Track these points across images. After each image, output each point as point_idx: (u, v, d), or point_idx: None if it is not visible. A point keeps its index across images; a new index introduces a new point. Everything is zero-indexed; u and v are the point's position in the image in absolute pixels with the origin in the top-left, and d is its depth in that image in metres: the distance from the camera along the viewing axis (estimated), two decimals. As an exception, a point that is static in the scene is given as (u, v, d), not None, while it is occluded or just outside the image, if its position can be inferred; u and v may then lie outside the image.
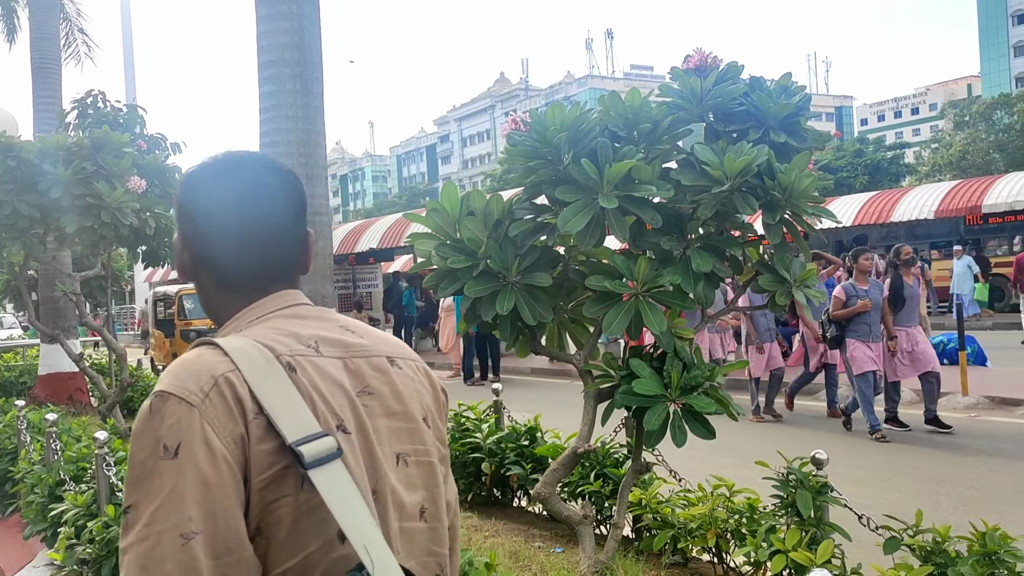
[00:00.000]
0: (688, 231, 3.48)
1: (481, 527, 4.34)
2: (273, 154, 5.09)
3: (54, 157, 6.90)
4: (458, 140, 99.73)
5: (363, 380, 1.12)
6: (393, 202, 77.81)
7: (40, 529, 4.82)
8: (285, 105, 5.06)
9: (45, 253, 8.05)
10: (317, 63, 5.20)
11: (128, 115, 8.28)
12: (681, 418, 3.24)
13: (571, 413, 7.90)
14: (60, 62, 11.02)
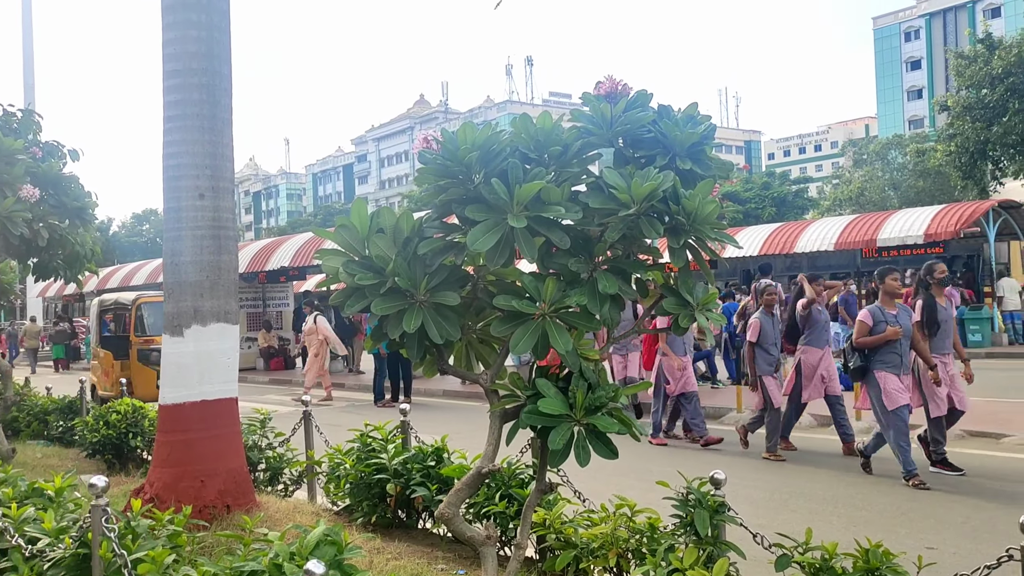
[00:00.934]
0: (596, 253, 3.52)
1: (384, 549, 4.26)
2: (178, 165, 4.95)
3: (-62, 161, 6.53)
4: (376, 160, 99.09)
5: None
6: (308, 220, 76.54)
7: (-93, 557, 4.48)
8: (191, 115, 4.92)
9: (-75, 262, 7.59)
10: (226, 74, 5.08)
11: (23, 120, 7.90)
12: (585, 438, 3.26)
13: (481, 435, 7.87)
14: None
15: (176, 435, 4.81)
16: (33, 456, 7.67)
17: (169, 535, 3.37)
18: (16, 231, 6.60)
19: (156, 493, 4.65)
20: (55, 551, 3.30)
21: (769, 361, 8.32)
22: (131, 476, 6.84)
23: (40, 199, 6.91)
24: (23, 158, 6.89)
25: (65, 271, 7.99)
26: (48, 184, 7.20)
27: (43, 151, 7.59)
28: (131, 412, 7.44)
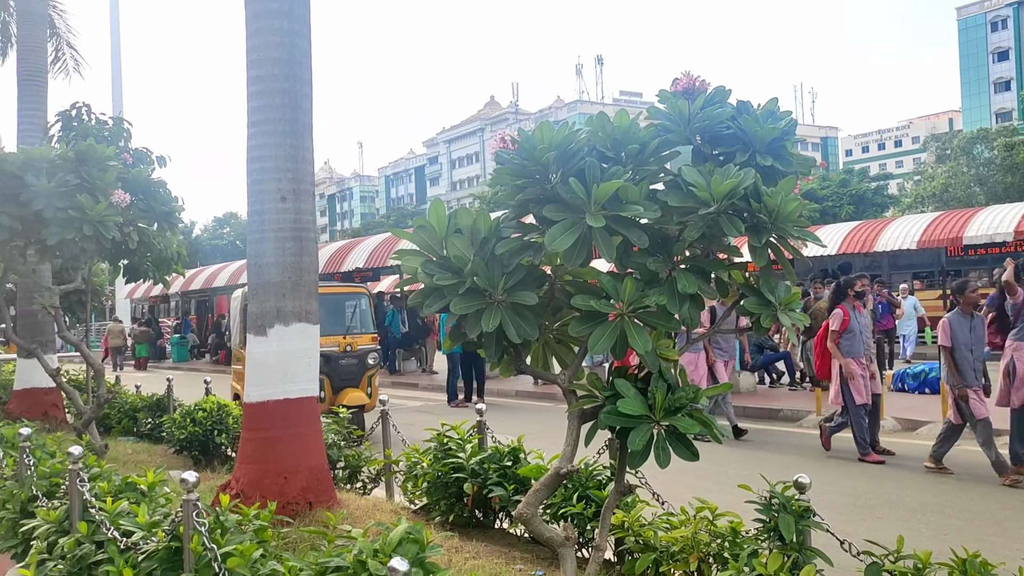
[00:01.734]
0: (674, 252, 3.48)
1: (462, 548, 4.28)
2: (260, 168, 5.08)
3: (37, 169, 6.84)
4: (447, 162, 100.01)
5: None
6: (381, 222, 77.75)
7: (10, 545, 4.72)
8: (273, 120, 5.05)
9: (25, 266, 7.96)
10: (306, 80, 5.19)
11: (114, 128, 8.23)
12: (665, 439, 3.22)
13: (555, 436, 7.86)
14: (46, 74, 10.98)
15: (260, 433, 4.93)
16: (124, 452, 7.97)
17: (255, 530, 3.46)
18: (108, 234, 6.86)
19: (242, 489, 4.77)
20: (148, 544, 3.42)
21: (975, 369, 7.20)
22: (216, 472, 7.05)
23: (130, 204, 7.17)
24: (115, 164, 7.16)
25: (154, 272, 8.29)
26: (138, 189, 7.47)
27: (133, 157, 7.89)
28: (216, 410, 7.68)
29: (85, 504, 4.05)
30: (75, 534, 3.96)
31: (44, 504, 4.55)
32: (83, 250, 7.17)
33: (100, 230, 6.79)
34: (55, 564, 3.99)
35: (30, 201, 6.72)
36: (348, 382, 10.37)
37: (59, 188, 6.72)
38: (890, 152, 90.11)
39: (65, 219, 6.76)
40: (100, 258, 7.97)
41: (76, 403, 7.90)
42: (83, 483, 4.12)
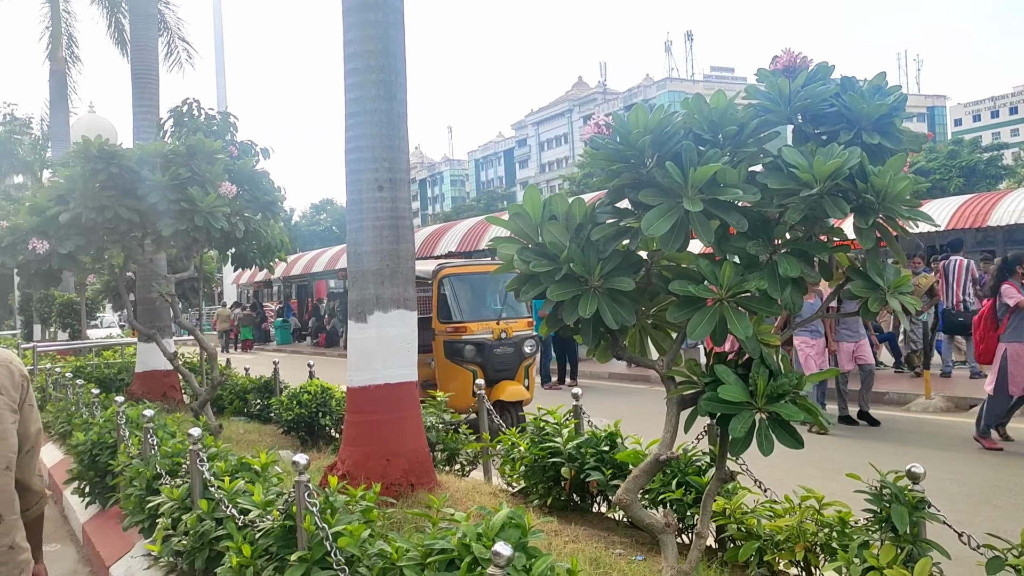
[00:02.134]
0: (775, 236, 3.40)
1: (561, 532, 4.32)
2: (358, 159, 5.20)
3: (152, 164, 7.19)
4: (535, 144, 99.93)
5: None
6: (471, 206, 78.44)
7: (138, 520, 5.02)
8: (370, 111, 5.16)
9: (143, 255, 8.40)
10: (400, 70, 5.28)
11: (220, 123, 8.59)
12: (768, 427, 3.16)
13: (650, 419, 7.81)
14: (158, 72, 11.48)
15: (363, 416, 5.09)
16: (236, 431, 8.35)
17: (362, 510, 3.58)
18: (217, 224, 7.17)
19: (347, 470, 4.94)
20: (264, 522, 3.59)
21: None
22: (322, 452, 7.32)
23: (237, 194, 7.46)
24: (222, 157, 7.46)
25: (259, 260, 8.61)
26: (243, 180, 7.76)
27: (239, 150, 8.20)
28: (320, 393, 7.96)
29: (205, 483, 4.27)
30: (196, 511, 4.19)
31: (167, 482, 4.82)
32: (195, 240, 7.52)
33: (210, 220, 7.10)
34: (179, 539, 4.24)
35: (147, 194, 7.07)
36: (504, 373, 9.08)
37: (172, 181, 7.05)
38: (1004, 120, 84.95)
39: (178, 211, 7.09)
40: (210, 247, 8.32)
41: (192, 385, 8.31)
42: (202, 463, 4.35)
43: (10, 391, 2.31)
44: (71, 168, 7.30)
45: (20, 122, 25.30)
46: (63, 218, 7.19)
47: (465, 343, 9.13)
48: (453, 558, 2.81)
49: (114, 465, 5.92)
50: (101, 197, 7.14)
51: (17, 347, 16.52)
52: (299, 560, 3.24)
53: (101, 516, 6.22)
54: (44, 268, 7.46)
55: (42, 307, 19.38)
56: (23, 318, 22.22)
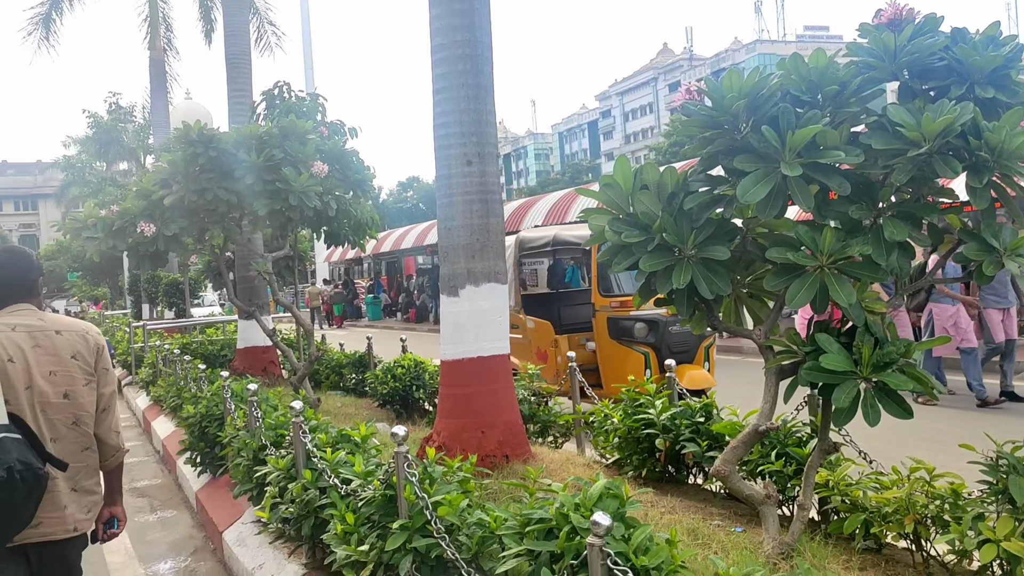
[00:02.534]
0: (879, 198, 3.26)
1: (657, 503, 4.30)
2: (446, 134, 5.23)
3: (247, 146, 7.42)
4: (620, 115, 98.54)
5: (37, 339, 2.74)
6: (556, 179, 78.06)
7: (247, 489, 5.24)
8: (457, 86, 5.17)
9: (241, 235, 8.69)
10: (487, 44, 5.27)
11: (309, 104, 8.77)
12: (874, 396, 3.06)
13: (745, 390, 7.67)
14: (250, 56, 11.79)
15: (457, 389, 5.16)
16: (334, 405, 8.61)
17: (460, 480, 3.64)
18: (310, 203, 7.35)
19: (443, 442, 5.03)
20: (365, 491, 3.70)
21: None
22: (417, 424, 7.48)
23: (328, 174, 7.63)
24: (313, 137, 7.63)
25: (351, 237, 8.80)
26: (333, 160, 7.93)
27: (328, 130, 8.37)
28: (413, 367, 8.12)
29: (308, 454, 4.42)
30: (301, 480, 4.34)
31: (272, 453, 5.01)
32: (289, 219, 7.72)
33: (303, 200, 7.28)
34: (286, 507, 4.41)
35: (243, 176, 7.30)
36: (681, 355, 7.61)
37: (267, 163, 7.25)
38: None
39: (273, 191, 7.30)
40: (303, 226, 8.55)
41: (291, 360, 8.59)
42: (305, 434, 4.50)
43: (85, 357, 2.85)
44: (173, 153, 7.60)
45: (124, 111, 26.47)
46: (167, 201, 7.50)
47: (635, 320, 7.83)
48: (551, 527, 2.82)
49: (222, 436, 6.19)
50: (201, 180, 7.41)
51: (128, 325, 17.41)
52: (400, 528, 3.32)
53: (212, 484, 6.53)
54: (151, 250, 7.81)
55: (150, 287, 20.34)
56: (132, 298, 23.38)
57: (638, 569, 2.49)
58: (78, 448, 2.81)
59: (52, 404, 2.74)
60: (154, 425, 9.82)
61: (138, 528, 6.26)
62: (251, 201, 7.51)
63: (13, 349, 2.69)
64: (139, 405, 11.80)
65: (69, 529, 2.76)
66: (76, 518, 2.79)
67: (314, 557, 4.27)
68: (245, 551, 4.85)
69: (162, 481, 7.89)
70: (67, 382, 2.78)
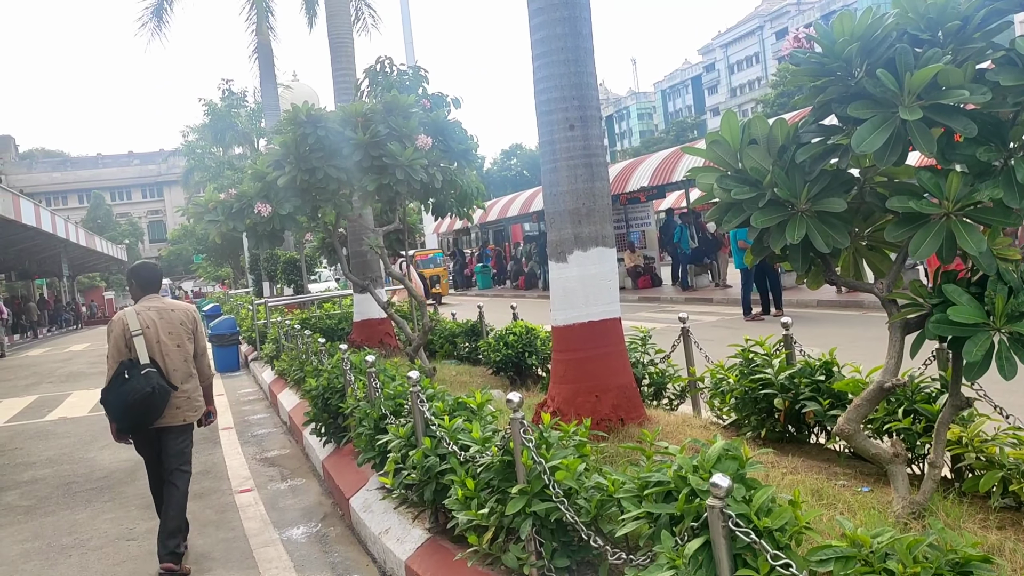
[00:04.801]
0: (1010, 139, 3.06)
1: (778, 464, 4.22)
2: (547, 100, 5.22)
3: (353, 124, 7.60)
4: (724, 68, 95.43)
5: (162, 315, 5.02)
6: (660, 139, 76.58)
7: (370, 457, 5.45)
8: (556, 50, 5.14)
9: (352, 211, 8.95)
10: (585, 4, 5.20)
11: (412, 77, 8.91)
12: (1009, 348, 2.90)
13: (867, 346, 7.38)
14: (352, 36, 12.01)
15: (569, 354, 5.19)
16: (449, 374, 8.82)
17: (576, 445, 3.68)
18: (417, 177, 7.48)
19: (558, 407, 5.08)
20: (484, 457, 3.78)
21: None
22: (531, 391, 7.57)
23: (432, 146, 7.74)
24: (416, 111, 7.74)
25: (457, 208, 8.92)
26: (437, 132, 8.03)
27: (431, 102, 8.48)
28: (525, 334, 8.21)
29: (426, 422, 4.55)
30: (421, 447, 4.48)
31: (392, 421, 5.19)
32: (397, 193, 7.89)
33: (409, 173, 7.42)
34: (408, 473, 4.57)
35: (351, 153, 7.50)
36: None
37: (372, 139, 7.41)
38: None
39: (379, 166, 7.46)
40: (411, 199, 8.72)
41: (405, 331, 8.83)
42: (423, 403, 4.63)
43: (187, 324, 5.14)
44: (283, 135, 7.87)
45: (236, 96, 27.52)
46: (280, 182, 7.79)
47: None
48: (670, 490, 2.82)
49: (344, 407, 6.44)
50: (311, 159, 7.66)
51: (251, 302, 18.27)
52: (519, 493, 3.39)
53: (337, 454, 6.82)
54: (268, 229, 8.15)
55: (268, 266, 21.25)
56: (253, 276, 24.50)
57: (760, 531, 2.46)
58: (186, 375, 5.08)
59: (171, 351, 5.00)
60: (280, 398, 10.30)
61: (271, 496, 6.62)
62: (359, 177, 7.71)
63: (149, 320, 4.99)
64: (265, 379, 12.39)
65: (179, 420, 5.05)
66: (186, 415, 5.08)
67: (437, 521, 4.41)
68: (371, 516, 5.07)
69: (290, 451, 8.30)
70: (178, 339, 5.06)
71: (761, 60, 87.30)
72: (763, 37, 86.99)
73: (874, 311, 12.52)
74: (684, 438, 4.28)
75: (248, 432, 9.46)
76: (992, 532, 3.13)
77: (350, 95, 10.40)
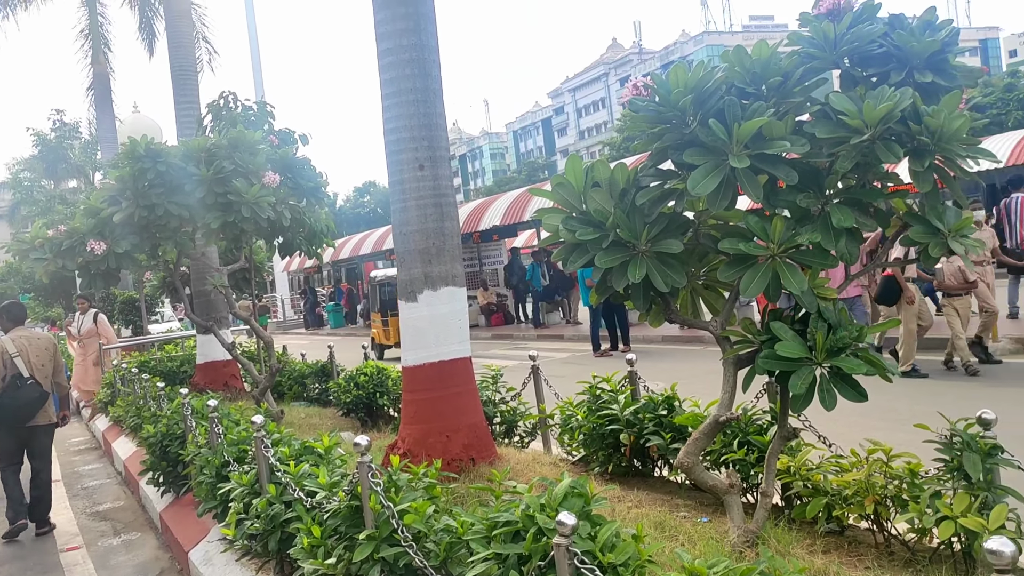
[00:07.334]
0: (826, 186, 3.31)
1: (624, 498, 4.32)
2: (397, 139, 5.20)
3: (197, 159, 7.30)
4: (573, 111, 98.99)
5: (31, 341, 7.10)
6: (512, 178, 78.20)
7: (211, 507, 5.16)
8: (406, 90, 5.14)
9: (195, 250, 8.55)
10: (434, 46, 5.25)
11: (258, 113, 8.65)
12: (829, 381, 3.11)
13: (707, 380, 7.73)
14: (196, 68, 11.62)
15: (420, 394, 5.13)
16: (298, 416, 8.52)
17: (426, 487, 3.62)
18: (263, 214, 7.25)
19: (408, 448, 5.00)
20: (331, 503, 3.66)
21: None
22: (382, 431, 7.42)
23: (280, 183, 7.53)
24: (263, 147, 7.53)
25: (306, 247, 8.69)
26: (285, 168, 7.83)
27: (278, 139, 8.27)
28: (376, 374, 8.06)
29: (271, 468, 4.36)
30: (265, 495, 4.28)
31: (235, 469, 4.94)
32: (242, 231, 7.61)
33: (256, 211, 7.18)
34: (251, 523, 4.34)
35: (193, 190, 7.19)
36: None
37: (217, 175, 7.14)
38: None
39: (224, 203, 7.19)
40: (258, 237, 8.43)
41: (252, 373, 8.47)
42: (267, 449, 4.44)
43: (50, 349, 7.16)
44: (121, 169, 7.44)
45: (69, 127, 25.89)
46: (117, 218, 7.35)
47: None
48: (518, 530, 2.82)
49: (184, 455, 6.08)
50: (151, 195, 7.27)
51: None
52: (367, 538, 3.30)
53: (176, 504, 6.41)
54: (103, 268, 7.65)
55: (104, 306, 19.90)
56: (86, 318, 22.83)
57: (605, 566, 2.49)
58: (51, 387, 7.06)
59: (39, 368, 6.92)
60: (115, 446, 9.62)
61: (102, 553, 6.13)
62: (203, 215, 7.40)
63: (22, 345, 6.91)
64: (99, 427, 11.56)
65: (45, 420, 7.00)
66: (50, 416, 7.06)
67: (282, 572, 4.21)
68: (212, 569, 4.78)
69: (125, 503, 7.74)
70: (44, 360, 7.02)
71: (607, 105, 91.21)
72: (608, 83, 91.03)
73: (714, 346, 13.08)
74: (534, 476, 4.30)
75: (78, 484, 8.76)
76: (818, 556, 3.32)
77: (193, 130, 9.99)
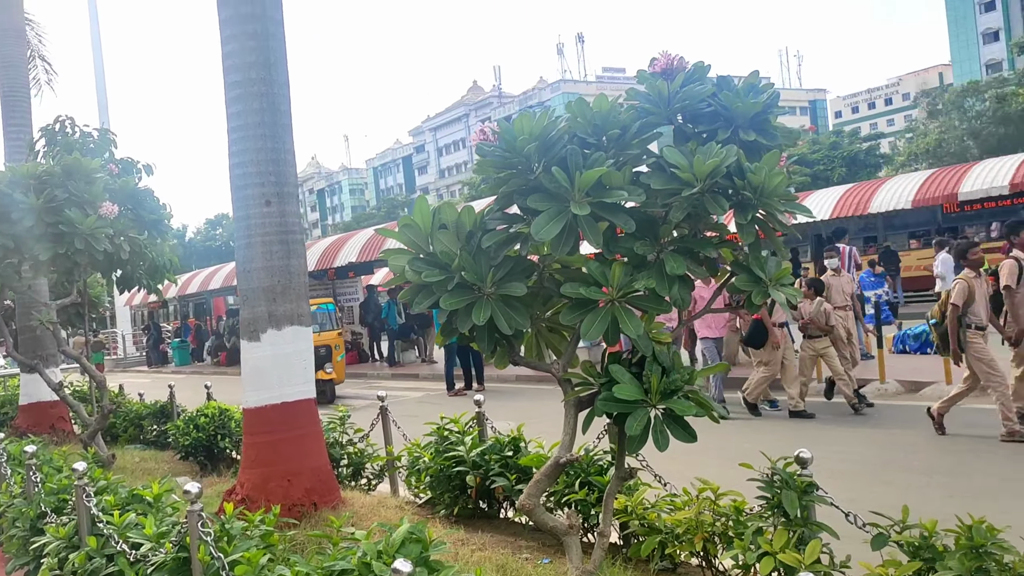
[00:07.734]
0: (661, 235, 3.47)
1: (468, 540, 4.30)
2: (243, 174, 5.06)
3: (25, 186, 6.83)
4: (434, 150, 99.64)
5: None
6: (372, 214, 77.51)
7: (23, 563, 4.74)
8: (254, 124, 5.02)
9: (20, 282, 7.94)
10: (283, 81, 5.16)
11: (99, 140, 8.20)
12: (663, 422, 3.22)
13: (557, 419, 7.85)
14: (29, 89, 10.90)
15: (262, 437, 4.94)
16: (132, 460, 7.99)
17: (262, 535, 3.47)
18: (100, 247, 6.84)
19: (247, 494, 4.79)
20: (157, 555, 3.44)
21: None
22: (223, 476, 7.07)
23: (119, 215, 7.14)
24: (101, 176, 7.14)
25: (147, 282, 8.26)
26: (126, 199, 7.44)
27: (119, 168, 7.86)
28: (218, 415, 7.70)
29: (93, 519, 4.06)
30: (84, 549, 3.98)
31: (53, 520, 4.57)
32: (76, 264, 7.15)
33: (91, 243, 6.78)
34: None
35: (21, 218, 6.71)
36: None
37: (48, 204, 6.71)
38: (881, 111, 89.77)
39: (56, 234, 6.75)
40: (93, 270, 7.94)
41: (81, 415, 7.91)
42: (89, 498, 4.13)
43: None
44: (-65, 193, 6.84)
45: None
46: (-72, 247, 6.74)
47: None
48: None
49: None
50: (-31, 223, 6.73)
51: None
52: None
53: (-17, 562, 5.84)
54: (-92, 301, 6.97)
55: (-88, 342, 18.08)
56: None
57: (440, 614, 2.46)
58: None
59: None
60: (-84, 498, 8.68)
61: None
62: (31, 245, 6.91)
63: None
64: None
65: None
66: None
67: (101, 633, 3.90)
68: (21, 634, 4.37)
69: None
70: None
71: (467, 145, 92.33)
72: (468, 124, 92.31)
73: (567, 385, 13.40)
74: (377, 520, 4.21)
75: None
76: (653, 593, 3.41)
77: (24, 155, 9.34)
